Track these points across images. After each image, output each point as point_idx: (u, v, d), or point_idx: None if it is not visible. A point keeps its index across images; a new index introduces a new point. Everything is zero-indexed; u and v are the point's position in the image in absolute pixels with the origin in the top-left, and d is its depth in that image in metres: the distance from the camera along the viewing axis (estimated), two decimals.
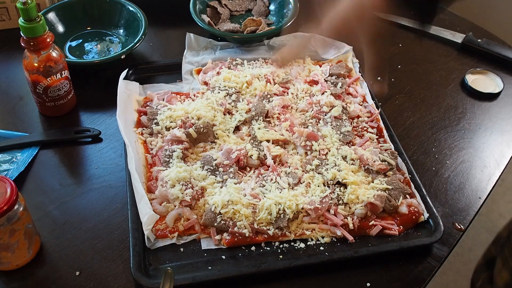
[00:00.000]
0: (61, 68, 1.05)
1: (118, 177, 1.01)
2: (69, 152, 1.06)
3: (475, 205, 1.01)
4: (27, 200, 0.84)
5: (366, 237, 0.93)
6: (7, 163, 1.01)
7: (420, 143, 1.13)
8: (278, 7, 1.39)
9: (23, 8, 0.94)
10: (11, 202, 0.77)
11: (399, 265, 0.90)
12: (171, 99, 1.12)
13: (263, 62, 1.24)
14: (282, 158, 1.03)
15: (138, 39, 1.22)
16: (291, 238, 0.91)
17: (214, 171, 0.99)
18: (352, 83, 1.21)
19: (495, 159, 1.10)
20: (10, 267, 0.85)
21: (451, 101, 1.24)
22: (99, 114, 1.14)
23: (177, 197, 0.92)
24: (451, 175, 1.06)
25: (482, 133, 1.16)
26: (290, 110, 1.14)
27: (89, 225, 0.93)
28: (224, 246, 0.90)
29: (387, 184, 0.97)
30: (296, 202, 0.93)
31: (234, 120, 1.10)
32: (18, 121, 1.11)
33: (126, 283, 0.85)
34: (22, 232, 0.82)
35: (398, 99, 1.23)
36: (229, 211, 0.91)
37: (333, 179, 0.97)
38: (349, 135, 1.08)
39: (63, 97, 1.09)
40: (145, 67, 1.23)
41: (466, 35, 1.37)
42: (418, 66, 1.33)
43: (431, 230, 0.93)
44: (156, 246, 0.89)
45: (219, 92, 1.14)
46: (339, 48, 1.29)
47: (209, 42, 1.28)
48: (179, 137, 1.02)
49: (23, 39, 0.99)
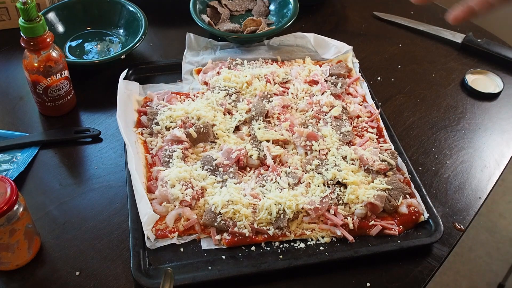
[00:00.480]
0: (61, 68, 1.05)
1: (118, 177, 1.01)
2: (69, 152, 1.06)
3: (475, 205, 1.01)
4: (27, 200, 0.84)
5: (366, 237, 0.93)
6: (7, 163, 1.01)
7: (420, 143, 1.13)
8: (278, 7, 1.39)
9: (23, 8, 0.94)
10: (11, 202, 0.77)
11: (399, 265, 0.90)
12: (171, 99, 1.12)
13: (263, 62, 1.24)
14: (282, 158, 1.03)
15: (138, 39, 1.22)
16: (291, 238, 0.91)
17: (214, 171, 0.99)
18: (352, 83, 1.21)
19: (495, 159, 1.10)
20: (10, 267, 0.85)
21: (451, 101, 1.24)
22: (99, 114, 1.14)
23: (177, 197, 0.92)
24: (451, 175, 1.06)
25: (482, 133, 1.16)
26: (290, 110, 1.14)
27: (89, 225, 0.93)
28: (224, 246, 0.90)
29: (387, 184, 0.97)
30: (296, 202, 0.93)
31: (234, 120, 1.10)
32: (18, 121, 1.11)
33: (126, 283, 0.85)
34: (22, 232, 0.82)
35: (398, 99, 1.23)
36: (229, 211, 0.91)
37: (333, 179, 0.97)
38: (349, 135, 1.08)
39: (63, 97, 1.09)
40: (145, 67, 1.23)
41: (466, 35, 1.37)
42: (418, 66, 1.33)
43: (431, 230, 0.93)
44: (156, 246, 0.89)
45: (219, 92, 1.14)
46: (339, 48, 1.29)
47: (209, 42, 1.28)
48: (179, 137, 1.02)
49: (23, 39, 0.99)
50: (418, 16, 1.48)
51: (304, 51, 1.29)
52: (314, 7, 1.49)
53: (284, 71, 1.21)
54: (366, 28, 1.43)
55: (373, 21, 1.46)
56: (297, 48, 1.29)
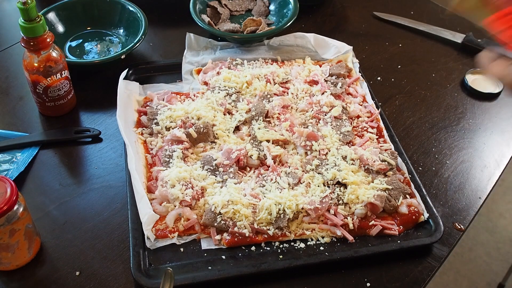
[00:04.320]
0: (61, 68, 1.05)
1: (118, 177, 1.01)
2: (69, 152, 1.06)
3: (475, 205, 1.01)
4: (27, 200, 0.84)
5: (366, 237, 0.93)
6: (7, 163, 1.01)
7: (420, 143, 1.13)
8: (278, 7, 1.39)
9: (23, 8, 0.94)
10: (11, 202, 0.77)
11: (399, 265, 0.90)
12: (171, 99, 1.12)
13: (263, 62, 1.24)
14: (282, 158, 1.03)
15: (138, 39, 1.22)
16: (291, 238, 0.91)
17: (214, 171, 0.99)
18: (352, 83, 1.21)
19: (495, 159, 1.10)
20: (10, 267, 0.85)
21: (451, 101, 1.24)
22: (99, 114, 1.14)
23: (177, 197, 0.92)
24: (451, 175, 1.06)
25: (482, 133, 1.16)
26: (290, 110, 1.13)
27: (89, 225, 0.93)
28: (224, 246, 0.90)
29: (387, 184, 0.97)
30: (296, 202, 0.93)
31: (234, 120, 1.10)
32: (18, 121, 1.11)
33: (126, 283, 0.85)
34: (22, 232, 0.82)
35: (398, 99, 1.23)
36: (229, 211, 0.91)
37: (333, 179, 0.97)
38: (349, 135, 1.08)
39: (63, 97, 1.09)
40: (145, 67, 1.23)
41: (466, 35, 1.37)
42: (418, 66, 1.32)
43: (431, 230, 0.93)
44: (156, 246, 0.89)
45: (219, 92, 1.14)
46: (339, 48, 1.29)
47: (209, 42, 1.28)
48: (179, 137, 1.02)
49: (23, 39, 0.99)
50: (418, 16, 1.48)
51: (304, 51, 1.29)
52: (314, 7, 1.49)
53: (284, 71, 1.21)
54: (366, 28, 1.43)
55: (373, 21, 1.46)
56: (297, 48, 1.29)
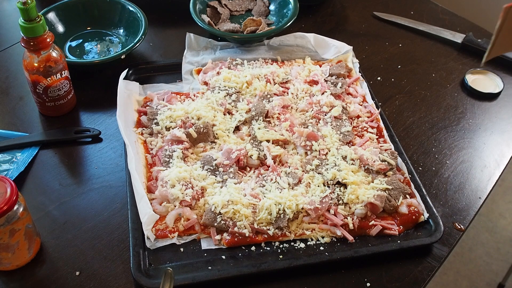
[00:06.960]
0: (61, 68, 1.05)
1: (118, 177, 1.01)
2: (69, 152, 1.06)
3: (475, 205, 1.01)
4: (27, 200, 0.84)
5: (366, 237, 0.93)
6: (7, 163, 1.01)
7: (420, 143, 1.13)
8: (278, 7, 1.39)
9: (23, 8, 0.94)
10: (11, 202, 0.77)
11: (399, 265, 0.90)
12: (171, 99, 1.12)
13: (263, 62, 1.24)
14: (282, 158, 1.03)
15: (138, 39, 1.22)
16: (291, 238, 0.91)
17: (214, 171, 0.99)
18: (352, 83, 1.21)
19: (495, 159, 1.10)
20: (10, 267, 0.85)
21: (451, 101, 1.24)
22: (99, 114, 1.14)
23: (177, 197, 0.92)
24: (451, 175, 1.06)
25: (482, 133, 1.16)
26: (290, 110, 1.13)
27: (89, 225, 0.93)
28: (224, 246, 0.90)
29: (387, 184, 0.97)
30: (296, 202, 0.93)
31: (234, 120, 1.10)
32: (18, 121, 1.11)
33: (126, 283, 0.85)
34: (22, 232, 0.82)
35: (398, 99, 1.23)
36: (229, 211, 0.91)
37: (333, 179, 0.97)
38: (349, 135, 1.08)
39: (63, 97, 1.09)
40: (145, 67, 1.23)
41: (466, 35, 1.37)
42: (418, 66, 1.32)
43: (431, 230, 0.93)
44: (156, 246, 0.89)
45: (219, 92, 1.14)
46: (339, 48, 1.29)
47: (209, 42, 1.28)
48: (179, 137, 1.02)
49: (23, 39, 0.99)
50: (418, 16, 1.48)
51: (304, 51, 1.29)
52: (314, 7, 1.49)
53: (284, 71, 1.21)
54: (366, 28, 1.43)
55: (373, 21, 1.46)
56: (297, 48, 1.29)
